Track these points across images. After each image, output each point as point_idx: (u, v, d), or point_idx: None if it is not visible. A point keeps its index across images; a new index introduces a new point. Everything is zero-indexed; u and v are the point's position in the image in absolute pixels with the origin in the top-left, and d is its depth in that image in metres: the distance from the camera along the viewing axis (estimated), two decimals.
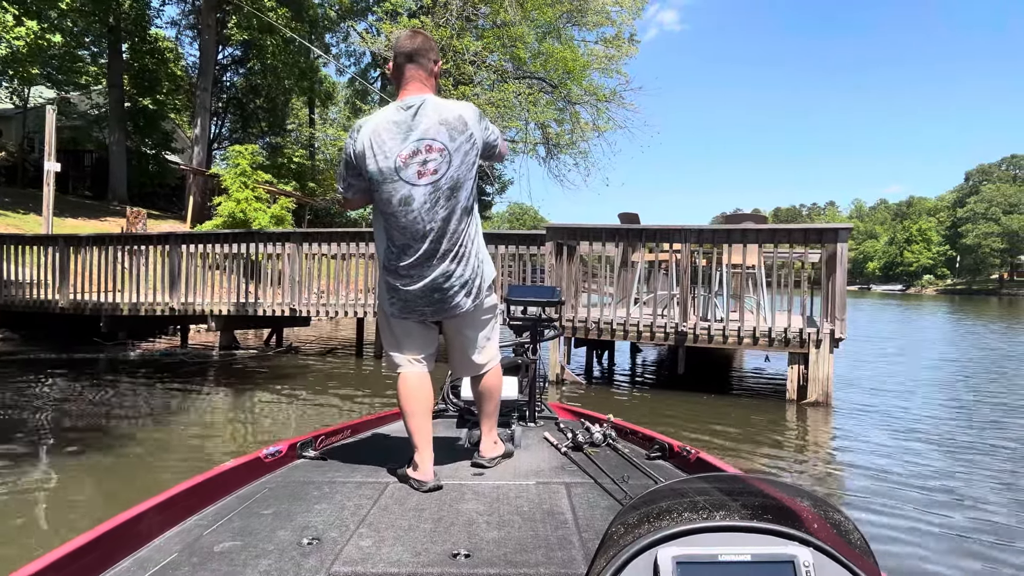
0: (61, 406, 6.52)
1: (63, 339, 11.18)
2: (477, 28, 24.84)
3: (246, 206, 16.93)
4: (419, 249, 2.44)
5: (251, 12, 23.15)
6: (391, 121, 2.46)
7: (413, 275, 2.48)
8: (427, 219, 2.42)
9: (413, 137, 2.42)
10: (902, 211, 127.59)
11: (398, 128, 2.44)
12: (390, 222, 2.47)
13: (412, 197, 2.41)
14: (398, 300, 2.53)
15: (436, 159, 2.42)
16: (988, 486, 4.44)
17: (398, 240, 2.47)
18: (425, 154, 2.41)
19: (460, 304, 2.54)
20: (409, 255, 2.46)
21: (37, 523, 3.64)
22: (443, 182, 2.43)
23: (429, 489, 2.34)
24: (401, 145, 2.42)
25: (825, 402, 6.91)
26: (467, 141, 2.46)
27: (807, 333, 7.01)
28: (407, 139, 2.43)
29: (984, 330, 20.57)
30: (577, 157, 26.01)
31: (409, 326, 2.59)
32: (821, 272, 7.91)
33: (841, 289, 6.97)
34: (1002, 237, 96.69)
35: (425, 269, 2.47)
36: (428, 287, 2.49)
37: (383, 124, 2.46)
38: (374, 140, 2.44)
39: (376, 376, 8.88)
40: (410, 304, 2.52)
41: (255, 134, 33.28)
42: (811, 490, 1.29)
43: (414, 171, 2.41)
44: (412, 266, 2.47)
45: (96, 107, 27.86)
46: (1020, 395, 8.16)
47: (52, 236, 11.96)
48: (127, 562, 1.73)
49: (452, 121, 2.45)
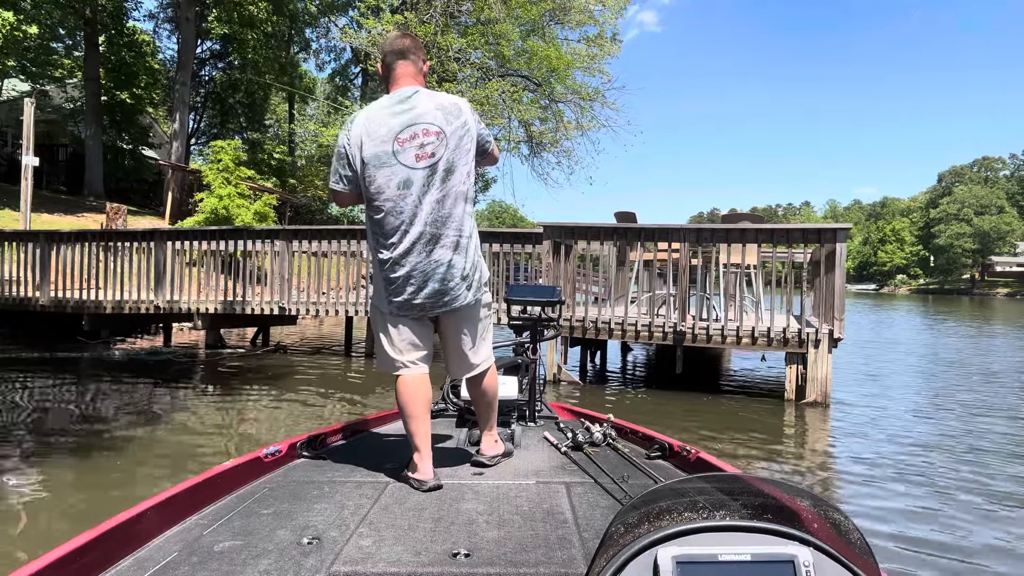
0: (46, 407, 6.35)
1: (44, 337, 10.94)
2: (460, 25, 24.70)
3: (229, 202, 16.70)
4: (417, 233, 2.43)
5: (231, 5, 22.91)
6: (386, 108, 2.48)
7: (412, 263, 2.45)
8: (425, 202, 2.43)
9: (409, 120, 2.45)
10: (876, 211, 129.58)
11: (394, 114, 2.46)
12: (387, 208, 2.44)
13: (411, 180, 2.42)
14: (396, 296, 2.49)
15: (433, 142, 2.44)
16: (992, 484, 4.45)
17: (396, 226, 2.44)
18: (422, 137, 2.43)
19: (461, 296, 2.52)
20: (407, 241, 2.43)
21: (17, 531, 3.50)
22: (440, 164, 2.44)
23: (429, 489, 2.34)
24: (398, 129, 2.44)
25: (824, 402, 6.93)
26: (462, 127, 2.49)
27: (806, 333, 7.02)
28: (404, 123, 2.45)
29: (970, 330, 20.87)
30: (560, 156, 26.00)
31: (406, 325, 2.55)
32: (817, 271, 7.94)
33: (839, 289, 6.99)
34: (973, 238, 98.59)
35: (424, 256, 2.45)
36: (428, 276, 2.46)
37: (378, 111, 2.49)
38: (369, 127, 2.45)
39: (367, 375, 8.77)
40: (409, 299, 2.48)
41: (233, 129, 32.93)
42: (811, 490, 1.26)
43: (412, 154, 2.43)
44: (410, 253, 2.44)
45: (71, 100, 27.35)
46: (1015, 392, 8.25)
47: (32, 232, 11.68)
48: (127, 561, 1.73)
49: (448, 106, 2.50)
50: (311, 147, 30.94)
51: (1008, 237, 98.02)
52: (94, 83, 24.74)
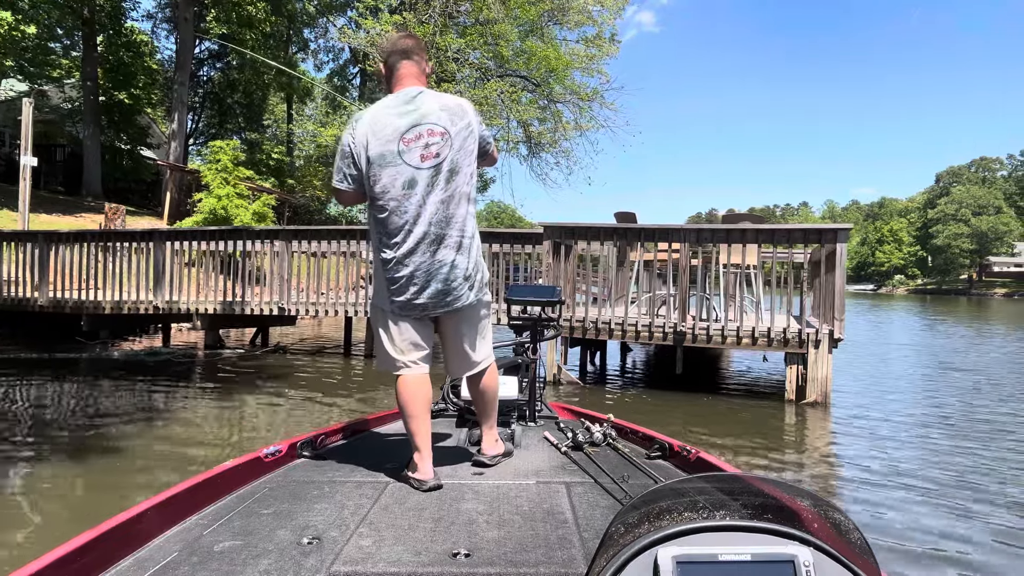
0: (46, 408, 6.33)
1: (43, 338, 10.91)
2: (459, 25, 24.68)
3: (227, 203, 16.67)
4: (421, 233, 2.43)
5: (229, 5, 22.87)
6: (392, 108, 2.49)
7: (416, 263, 2.45)
8: (429, 202, 2.44)
9: (415, 120, 2.46)
10: (874, 212, 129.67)
11: (399, 114, 2.47)
12: (391, 207, 2.44)
13: (416, 180, 2.43)
14: (399, 295, 2.49)
15: (438, 142, 2.45)
16: (991, 484, 4.44)
17: (400, 225, 2.44)
18: (427, 137, 2.44)
19: (463, 296, 2.54)
20: (411, 241, 2.44)
21: (17, 532, 3.49)
22: (444, 165, 2.45)
23: (429, 488, 2.34)
24: (404, 129, 2.45)
25: (824, 402, 6.93)
26: (466, 128, 2.51)
27: (806, 333, 7.02)
28: (410, 123, 2.46)
29: (969, 330, 20.88)
30: (559, 156, 25.99)
31: (408, 324, 2.55)
32: (816, 271, 7.94)
33: (840, 289, 6.99)
34: (971, 238, 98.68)
35: (428, 256, 2.45)
36: (431, 276, 2.47)
37: (383, 111, 2.49)
38: (374, 127, 2.46)
39: (367, 375, 8.76)
40: (411, 299, 2.48)
41: (232, 129, 32.88)
42: (811, 489, 1.27)
43: (417, 154, 2.44)
44: (413, 253, 2.44)
45: (68, 101, 27.28)
46: (1017, 390, 8.26)
47: (31, 232, 11.65)
48: (127, 561, 1.73)
49: (452, 107, 2.52)
50: (309, 147, 30.89)
51: (1006, 237, 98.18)
52: (92, 83, 24.69)
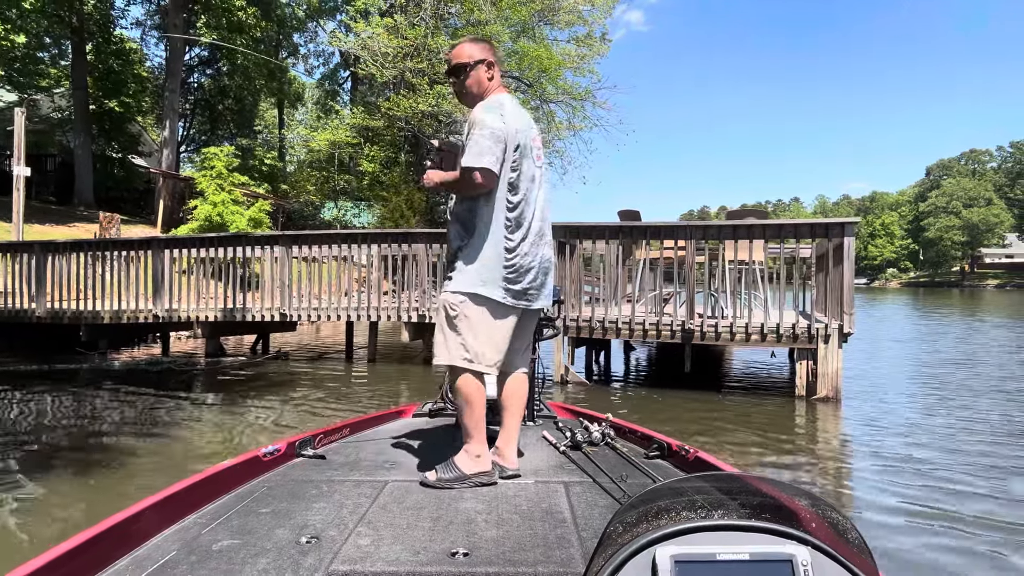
0: (46, 419, 6.24)
1: (42, 349, 10.78)
2: (450, 27, 24.62)
3: (223, 209, 16.58)
4: (538, 227, 2.60)
5: (219, 11, 22.75)
6: (519, 107, 2.63)
7: (535, 254, 2.58)
8: (541, 199, 2.65)
9: (532, 123, 2.65)
10: (865, 206, 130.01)
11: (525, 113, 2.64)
12: (526, 197, 2.57)
13: (535, 177, 2.62)
14: (515, 284, 2.54)
15: (540, 148, 2.69)
16: (1001, 481, 4.39)
17: (528, 216, 2.57)
18: (538, 141, 2.68)
19: (551, 292, 2.72)
20: (533, 233, 2.58)
21: (16, 534, 3.41)
22: (545, 169, 2.71)
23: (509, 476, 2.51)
24: (530, 127, 2.62)
25: (835, 397, 6.89)
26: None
27: (815, 328, 6.99)
28: (531, 124, 2.65)
29: (967, 320, 20.94)
30: (553, 156, 25.98)
31: (514, 320, 2.59)
32: (821, 266, 7.90)
33: (848, 283, 6.97)
34: (962, 230, 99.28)
35: (541, 249, 2.62)
36: (544, 269, 2.62)
37: (517, 107, 2.62)
38: (520, 119, 2.57)
39: (371, 380, 8.69)
40: (526, 288, 2.56)
41: (223, 136, 32.74)
42: (809, 489, 1.27)
43: (537, 154, 2.64)
44: (534, 244, 2.58)
45: (59, 110, 27.11)
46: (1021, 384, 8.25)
47: (27, 243, 11.52)
48: (125, 560, 1.73)
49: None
50: (301, 152, 30.77)
51: (996, 229, 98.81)
52: (82, 92, 24.51)
